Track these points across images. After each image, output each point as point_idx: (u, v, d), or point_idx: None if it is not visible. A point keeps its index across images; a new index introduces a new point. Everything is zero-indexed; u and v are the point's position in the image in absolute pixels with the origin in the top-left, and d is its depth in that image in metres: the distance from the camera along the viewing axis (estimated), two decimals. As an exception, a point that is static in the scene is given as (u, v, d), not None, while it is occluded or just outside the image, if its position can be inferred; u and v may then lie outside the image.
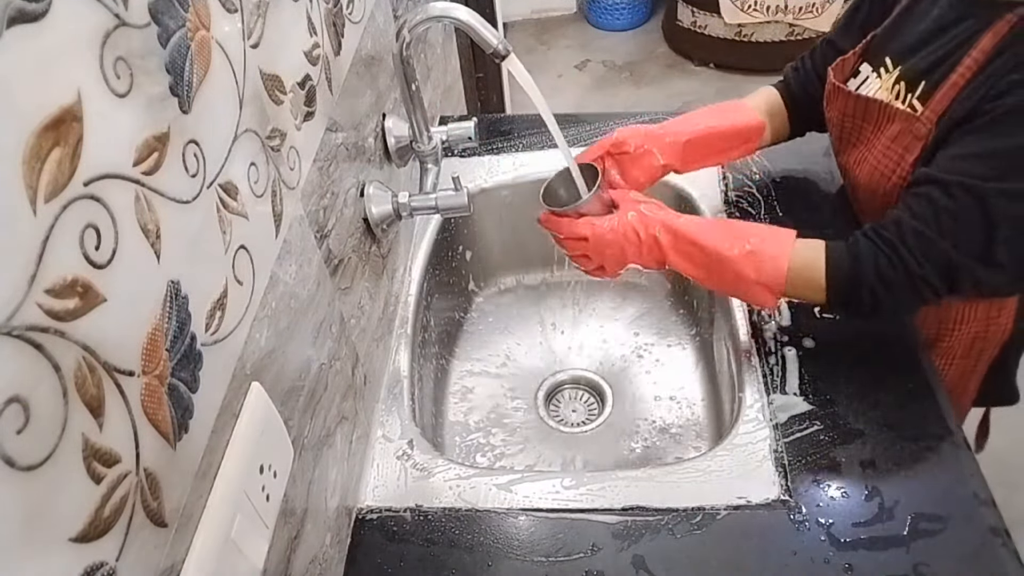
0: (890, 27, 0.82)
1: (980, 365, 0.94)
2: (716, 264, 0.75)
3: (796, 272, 0.74)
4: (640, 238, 0.77)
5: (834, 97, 0.87)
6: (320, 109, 0.64)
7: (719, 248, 0.75)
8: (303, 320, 0.59)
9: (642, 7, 3.27)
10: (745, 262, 0.74)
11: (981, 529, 0.67)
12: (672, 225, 0.77)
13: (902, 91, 0.78)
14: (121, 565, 0.34)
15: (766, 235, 0.76)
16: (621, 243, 0.77)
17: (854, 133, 0.85)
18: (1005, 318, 0.88)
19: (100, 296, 0.32)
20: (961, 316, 0.88)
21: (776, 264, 0.73)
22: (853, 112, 0.84)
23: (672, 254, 0.77)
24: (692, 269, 0.77)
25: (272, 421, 0.51)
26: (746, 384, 0.81)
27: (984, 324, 0.89)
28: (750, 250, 0.74)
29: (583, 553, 0.69)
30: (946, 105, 0.72)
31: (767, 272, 0.74)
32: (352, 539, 0.72)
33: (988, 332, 0.90)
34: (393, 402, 0.85)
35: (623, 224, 0.77)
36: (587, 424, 1.03)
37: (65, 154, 0.30)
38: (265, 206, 0.52)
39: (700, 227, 0.77)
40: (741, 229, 0.77)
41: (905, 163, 0.77)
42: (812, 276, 0.74)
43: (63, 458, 0.30)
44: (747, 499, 0.71)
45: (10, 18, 0.28)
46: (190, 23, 0.41)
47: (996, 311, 0.88)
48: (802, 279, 0.74)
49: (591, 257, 0.80)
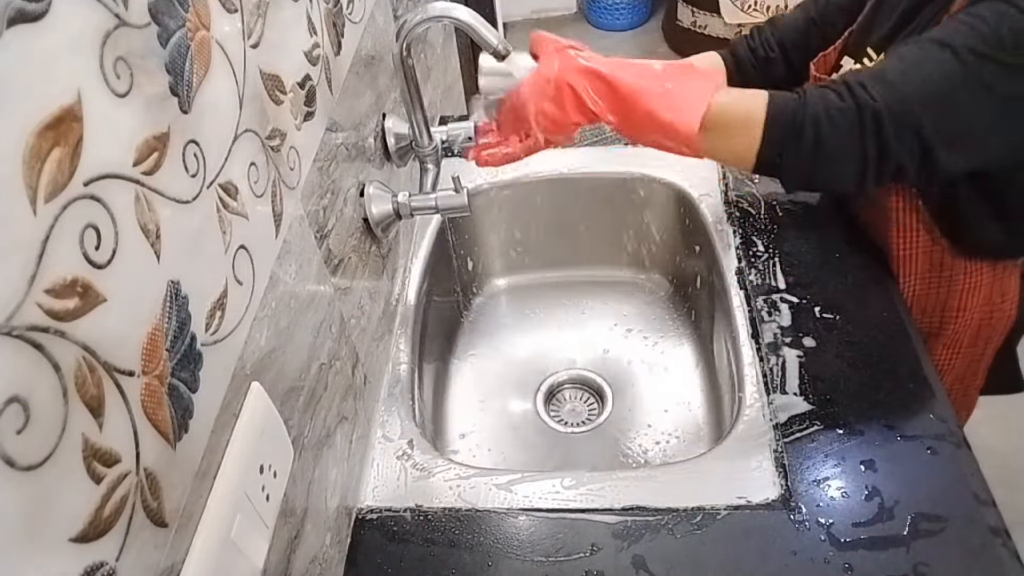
0: (866, 20, 0.83)
1: (987, 353, 0.94)
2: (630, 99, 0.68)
3: (725, 105, 0.66)
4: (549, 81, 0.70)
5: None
6: (320, 109, 0.64)
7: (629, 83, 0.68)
8: (303, 320, 0.59)
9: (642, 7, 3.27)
10: (663, 96, 0.67)
11: (981, 529, 0.67)
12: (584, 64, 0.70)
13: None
14: (121, 565, 0.34)
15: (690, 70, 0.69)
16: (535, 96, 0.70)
17: None
18: (1009, 304, 0.89)
19: (100, 296, 0.32)
20: (963, 302, 0.88)
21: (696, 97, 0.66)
22: None
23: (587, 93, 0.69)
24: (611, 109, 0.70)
25: (272, 421, 0.51)
26: (746, 384, 0.81)
27: (988, 311, 0.89)
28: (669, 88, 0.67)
29: (583, 553, 0.69)
30: None
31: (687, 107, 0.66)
32: (352, 539, 0.72)
33: (993, 319, 0.90)
34: (393, 402, 0.85)
35: (534, 75, 0.71)
36: (587, 424, 1.03)
37: (65, 154, 0.30)
38: (265, 206, 0.52)
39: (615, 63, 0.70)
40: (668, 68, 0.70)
41: None
42: (745, 111, 0.67)
43: (63, 458, 0.30)
44: (747, 499, 0.71)
45: (10, 18, 0.28)
46: (190, 23, 0.41)
47: (999, 297, 0.88)
48: (732, 114, 0.67)
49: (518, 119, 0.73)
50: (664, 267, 1.19)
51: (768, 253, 0.96)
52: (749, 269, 0.94)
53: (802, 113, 0.66)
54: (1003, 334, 0.93)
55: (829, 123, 0.65)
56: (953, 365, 0.94)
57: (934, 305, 0.90)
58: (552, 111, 0.70)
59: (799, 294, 0.90)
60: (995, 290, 0.87)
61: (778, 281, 0.92)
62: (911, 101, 0.64)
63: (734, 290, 0.92)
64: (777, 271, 0.93)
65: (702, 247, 1.04)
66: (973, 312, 0.89)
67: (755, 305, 0.89)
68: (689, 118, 0.66)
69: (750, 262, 0.95)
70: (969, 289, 0.87)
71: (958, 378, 0.96)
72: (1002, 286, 0.87)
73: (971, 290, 0.87)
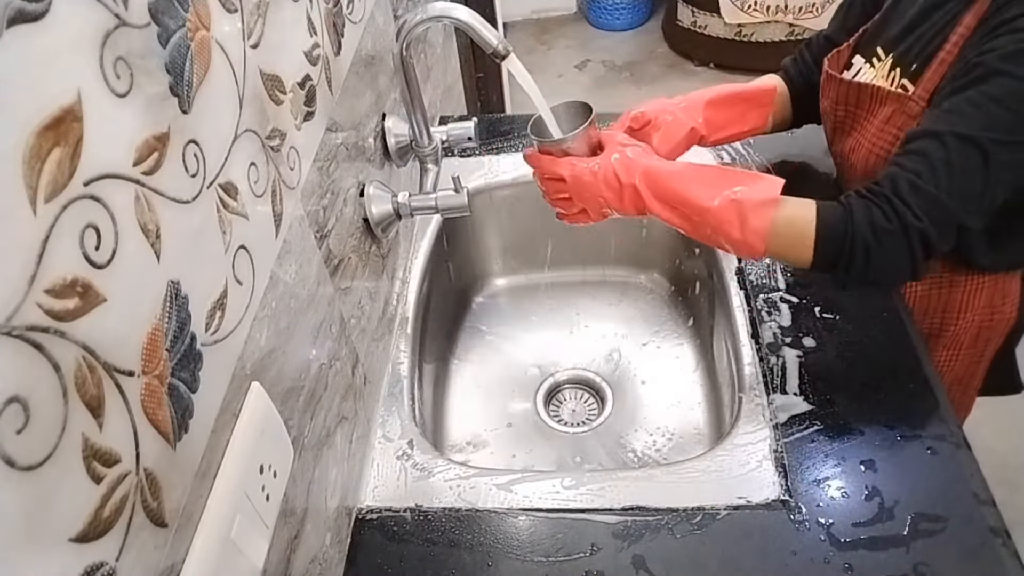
0: (880, 20, 0.84)
1: (987, 355, 0.94)
2: (698, 216, 0.71)
3: (782, 224, 0.70)
4: (621, 183, 0.72)
5: (828, 86, 0.88)
6: (320, 109, 0.64)
7: (700, 199, 0.70)
8: (303, 320, 0.59)
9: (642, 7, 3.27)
10: (728, 214, 0.70)
11: (981, 529, 0.67)
12: (653, 172, 0.72)
13: (896, 77, 0.79)
14: (121, 565, 0.34)
15: (751, 183, 0.71)
16: (600, 187, 0.73)
17: (847, 120, 0.86)
18: (1009, 307, 0.89)
19: (100, 296, 0.32)
20: (965, 304, 0.88)
21: (761, 214, 0.69)
22: (846, 99, 0.85)
23: (652, 203, 0.72)
24: (675, 219, 0.73)
25: (272, 421, 0.51)
26: (746, 384, 0.81)
27: (989, 313, 0.89)
28: (732, 199, 0.69)
29: (583, 553, 0.69)
30: (936, 82, 0.74)
31: (751, 225, 0.69)
32: (352, 539, 0.72)
33: (993, 321, 0.90)
34: (393, 402, 0.85)
35: (605, 167, 0.73)
36: (587, 424, 1.03)
37: (65, 154, 0.30)
38: (265, 206, 0.52)
39: (683, 175, 0.72)
40: (726, 177, 0.72)
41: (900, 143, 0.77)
42: (800, 229, 0.70)
43: (63, 458, 0.30)
44: (747, 499, 0.71)
45: (10, 18, 0.28)
46: (190, 23, 0.41)
47: (1000, 299, 0.88)
48: (789, 232, 0.70)
49: (571, 199, 0.76)
50: (664, 267, 1.19)
51: (768, 253, 0.96)
52: (749, 269, 0.94)
53: (851, 235, 0.69)
54: (1003, 335, 0.93)
55: (878, 246, 0.68)
56: (952, 366, 0.94)
57: (935, 307, 0.90)
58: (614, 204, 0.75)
59: (799, 294, 0.90)
60: (996, 292, 0.88)
61: (778, 281, 0.92)
62: (951, 208, 0.68)
63: (734, 290, 0.92)
64: (777, 271, 0.93)
65: (702, 247, 1.04)
66: (974, 314, 0.89)
67: (755, 305, 0.89)
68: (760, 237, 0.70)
69: (750, 262, 0.95)
70: (971, 292, 0.87)
71: (957, 379, 0.96)
72: (1003, 289, 0.88)
73: (972, 293, 0.87)
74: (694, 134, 0.89)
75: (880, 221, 0.68)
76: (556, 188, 0.76)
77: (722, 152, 1.10)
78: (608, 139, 0.76)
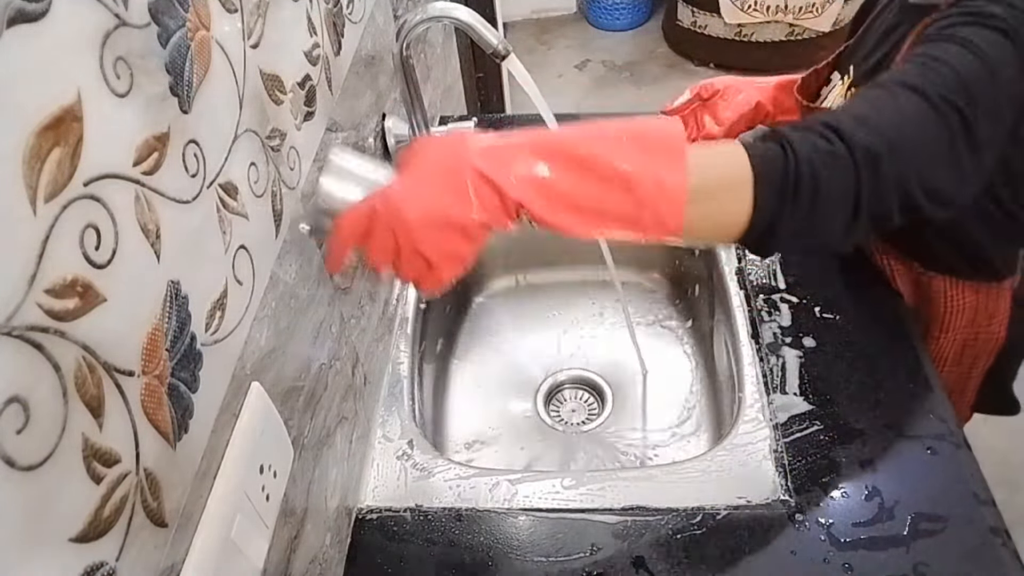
0: (856, 39, 0.86)
1: (975, 373, 0.93)
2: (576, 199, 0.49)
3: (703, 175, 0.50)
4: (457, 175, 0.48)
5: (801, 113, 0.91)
6: (320, 109, 0.64)
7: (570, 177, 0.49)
8: (303, 320, 0.59)
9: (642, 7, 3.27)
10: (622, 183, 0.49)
11: (981, 529, 0.67)
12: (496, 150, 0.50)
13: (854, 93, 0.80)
14: (121, 565, 0.34)
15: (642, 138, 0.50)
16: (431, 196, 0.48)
17: None
18: (996, 327, 0.88)
19: (100, 296, 0.32)
20: (947, 324, 0.88)
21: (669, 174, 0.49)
22: None
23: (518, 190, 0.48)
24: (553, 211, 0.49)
25: (272, 421, 0.51)
26: (746, 384, 0.81)
27: (973, 332, 0.88)
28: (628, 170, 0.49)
29: (583, 553, 0.69)
30: None
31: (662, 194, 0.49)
32: (352, 539, 0.72)
33: (978, 340, 0.89)
34: (393, 402, 0.85)
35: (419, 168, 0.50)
36: (587, 424, 1.03)
37: (65, 154, 0.30)
38: (265, 206, 0.52)
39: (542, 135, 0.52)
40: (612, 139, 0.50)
41: None
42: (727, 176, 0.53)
43: (63, 458, 0.30)
44: (747, 499, 0.71)
45: (10, 18, 0.28)
46: (190, 23, 0.41)
47: (986, 319, 0.87)
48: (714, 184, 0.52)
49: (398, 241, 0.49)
50: (664, 267, 1.19)
51: (768, 253, 0.96)
52: (749, 269, 0.94)
53: (794, 165, 0.53)
54: (991, 355, 0.91)
55: (825, 169, 0.53)
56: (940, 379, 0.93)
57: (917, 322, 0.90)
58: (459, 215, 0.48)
59: (799, 294, 0.90)
60: (980, 312, 0.86)
61: (778, 281, 0.92)
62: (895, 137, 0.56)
63: (734, 290, 0.92)
64: (777, 271, 0.93)
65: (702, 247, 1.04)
66: (956, 333, 0.88)
67: (755, 305, 0.89)
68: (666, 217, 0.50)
69: (750, 262, 0.95)
70: (952, 311, 0.87)
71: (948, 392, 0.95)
72: (988, 308, 0.86)
73: (954, 312, 0.87)
74: (760, 109, 0.89)
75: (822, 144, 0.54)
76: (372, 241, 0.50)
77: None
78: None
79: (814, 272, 0.92)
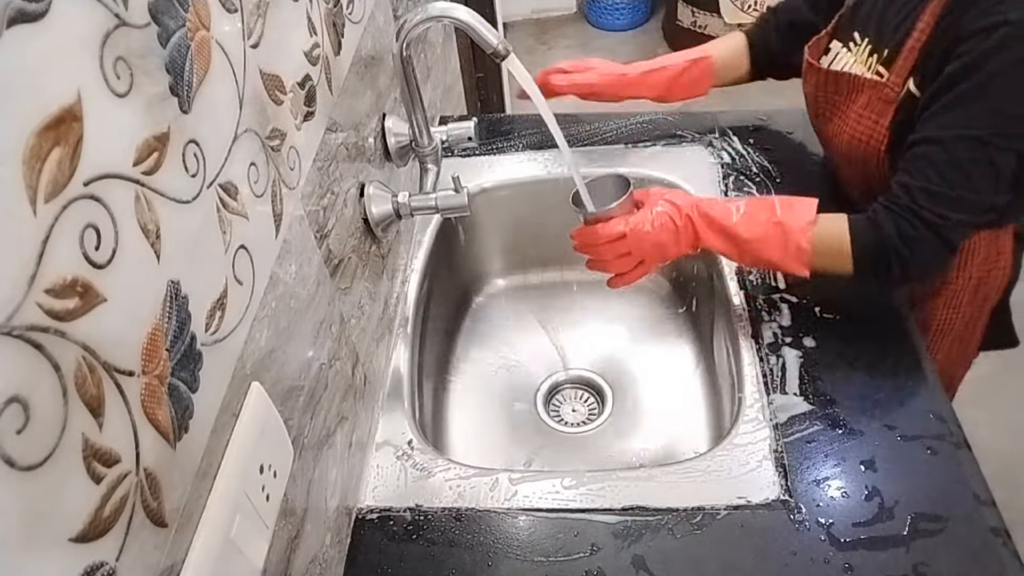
0: (853, 5, 0.88)
1: (985, 310, 0.97)
2: (745, 245, 0.80)
3: (820, 243, 0.78)
4: (676, 225, 0.81)
5: (809, 74, 0.93)
6: (320, 109, 0.64)
7: (744, 232, 0.79)
8: (303, 320, 0.59)
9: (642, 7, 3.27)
10: (771, 240, 0.79)
11: (981, 529, 0.67)
12: (703, 209, 0.81)
13: (874, 62, 0.83)
14: (121, 565, 0.34)
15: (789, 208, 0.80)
16: (659, 232, 0.81)
17: (828, 107, 0.90)
18: (1004, 262, 0.92)
19: (100, 296, 0.32)
20: (963, 262, 0.91)
21: (799, 239, 0.78)
22: (825, 87, 0.90)
23: (706, 235, 0.81)
24: (725, 248, 0.82)
25: (272, 421, 0.51)
26: (746, 384, 0.81)
27: (986, 269, 0.92)
28: (775, 223, 0.79)
29: (583, 553, 0.69)
30: (909, 67, 0.79)
31: (791, 249, 0.78)
32: (352, 539, 0.72)
33: (990, 276, 0.93)
34: (393, 402, 0.85)
35: (659, 215, 0.81)
36: (587, 424, 1.03)
37: (65, 154, 0.30)
38: (265, 206, 0.52)
39: (727, 208, 0.81)
40: (765, 205, 0.81)
41: (880, 127, 0.82)
42: (837, 247, 0.78)
43: (63, 458, 0.30)
44: (747, 499, 0.71)
45: (10, 18, 0.28)
46: (190, 23, 0.41)
47: (995, 254, 0.91)
48: (827, 251, 0.78)
49: (632, 253, 0.83)
50: (664, 267, 1.19)
51: (768, 253, 0.96)
52: (749, 269, 0.94)
53: (883, 248, 0.76)
54: (1000, 291, 0.96)
55: (910, 253, 0.75)
56: (953, 325, 0.97)
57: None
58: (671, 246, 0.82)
59: (799, 294, 0.90)
60: (991, 249, 0.91)
61: (778, 281, 0.92)
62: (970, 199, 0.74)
63: (734, 290, 0.92)
64: (777, 271, 0.93)
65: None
66: (972, 269, 0.92)
67: (755, 305, 0.89)
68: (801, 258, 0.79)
69: (750, 262, 0.95)
70: (967, 251, 0.90)
71: (957, 338, 0.99)
72: (997, 245, 0.91)
73: (969, 252, 0.90)
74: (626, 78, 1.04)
75: (908, 231, 0.75)
76: (614, 249, 0.83)
77: (722, 152, 1.10)
78: (644, 195, 0.84)
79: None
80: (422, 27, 0.75)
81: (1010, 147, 0.72)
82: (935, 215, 0.74)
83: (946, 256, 0.78)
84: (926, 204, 0.74)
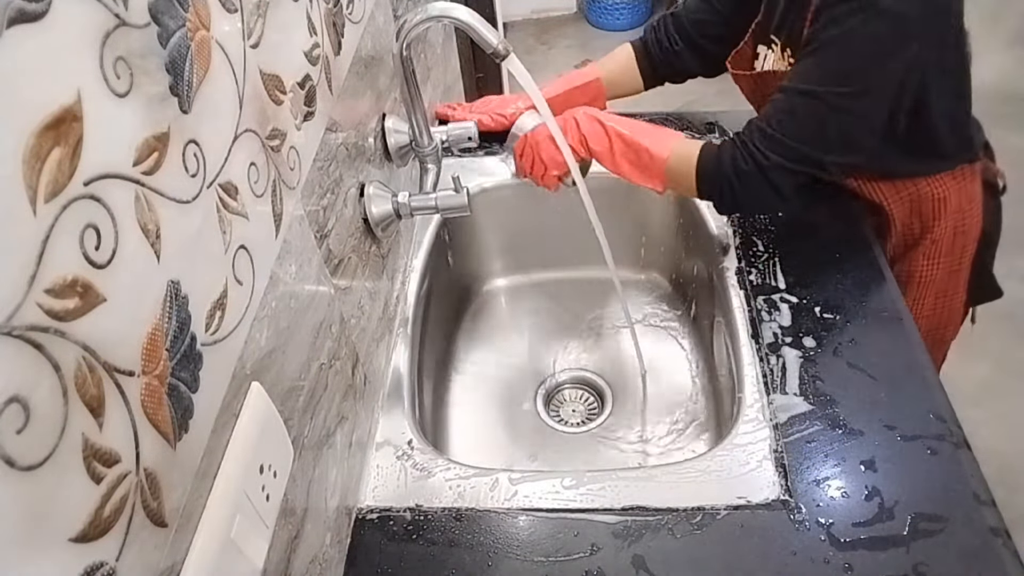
0: (765, 11, 0.96)
1: (964, 262, 1.01)
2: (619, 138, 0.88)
3: (674, 159, 0.87)
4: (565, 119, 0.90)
5: (740, 82, 1.02)
6: (320, 109, 0.64)
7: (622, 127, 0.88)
8: (303, 320, 0.59)
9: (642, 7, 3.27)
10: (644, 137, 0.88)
11: (981, 529, 0.67)
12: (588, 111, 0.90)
13: (788, 56, 0.92)
14: (121, 565, 0.34)
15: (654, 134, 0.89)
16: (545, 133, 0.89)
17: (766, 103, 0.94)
18: (976, 207, 0.97)
19: (100, 296, 0.32)
20: (938, 211, 0.96)
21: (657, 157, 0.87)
22: (757, 88, 0.98)
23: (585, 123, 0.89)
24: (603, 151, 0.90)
25: (272, 421, 0.51)
26: (746, 384, 0.81)
27: (960, 217, 0.97)
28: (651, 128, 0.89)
29: (583, 553, 0.69)
30: None
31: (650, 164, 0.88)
32: (352, 539, 0.72)
33: (965, 225, 0.98)
34: (393, 402, 0.85)
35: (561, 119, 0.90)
36: (587, 424, 1.03)
37: (65, 154, 0.30)
38: (265, 206, 0.52)
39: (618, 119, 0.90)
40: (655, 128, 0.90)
41: None
42: (686, 169, 0.86)
43: (63, 458, 0.30)
44: (747, 499, 0.71)
45: (10, 18, 0.28)
46: (190, 23, 0.41)
47: (967, 202, 0.97)
48: (679, 168, 0.87)
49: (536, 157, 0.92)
50: (664, 267, 1.19)
51: (768, 253, 0.96)
52: (749, 269, 0.94)
53: (719, 175, 0.84)
54: (975, 241, 0.99)
55: (739, 183, 0.84)
56: (935, 276, 1.01)
57: (911, 215, 0.97)
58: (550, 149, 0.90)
59: (799, 294, 0.90)
60: (963, 196, 0.96)
61: (778, 281, 0.92)
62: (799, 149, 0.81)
63: (734, 290, 0.92)
64: (777, 271, 0.93)
65: (702, 247, 1.04)
66: (948, 218, 0.96)
67: (755, 305, 0.89)
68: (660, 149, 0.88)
69: (750, 262, 0.95)
70: (940, 199, 0.96)
71: (941, 291, 1.02)
72: (968, 191, 0.96)
73: (942, 200, 0.96)
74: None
75: (740, 164, 0.83)
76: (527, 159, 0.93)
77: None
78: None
79: (814, 272, 0.92)
80: (422, 27, 0.75)
81: (841, 106, 0.78)
82: (761, 154, 0.81)
83: (770, 195, 0.83)
84: (759, 143, 0.81)
